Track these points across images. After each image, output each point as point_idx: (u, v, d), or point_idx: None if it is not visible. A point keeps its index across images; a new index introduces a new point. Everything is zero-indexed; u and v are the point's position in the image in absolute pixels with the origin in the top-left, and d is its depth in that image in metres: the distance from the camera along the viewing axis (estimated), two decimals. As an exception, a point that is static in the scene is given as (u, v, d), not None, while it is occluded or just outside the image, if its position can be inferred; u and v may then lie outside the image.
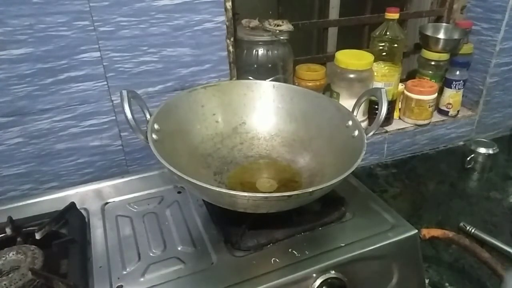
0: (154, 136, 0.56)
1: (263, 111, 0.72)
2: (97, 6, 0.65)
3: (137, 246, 0.57)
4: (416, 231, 0.59)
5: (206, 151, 0.67)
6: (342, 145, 0.63)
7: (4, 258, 0.51)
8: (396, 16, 0.89)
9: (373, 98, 0.66)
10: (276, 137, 0.72)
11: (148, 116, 0.60)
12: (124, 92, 0.55)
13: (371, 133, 0.61)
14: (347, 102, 0.70)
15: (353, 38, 1.15)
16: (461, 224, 0.77)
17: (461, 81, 0.99)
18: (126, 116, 0.54)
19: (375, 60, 0.86)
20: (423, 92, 0.95)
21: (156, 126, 0.58)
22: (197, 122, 0.67)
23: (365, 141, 0.58)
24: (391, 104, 0.96)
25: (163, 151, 0.53)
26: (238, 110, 0.71)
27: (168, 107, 0.63)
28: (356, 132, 0.61)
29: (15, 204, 0.64)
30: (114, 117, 0.74)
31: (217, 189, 0.50)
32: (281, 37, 0.82)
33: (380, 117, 0.60)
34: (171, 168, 0.50)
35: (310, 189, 0.50)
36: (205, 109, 0.68)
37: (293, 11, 1.15)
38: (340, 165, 0.57)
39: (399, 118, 1.02)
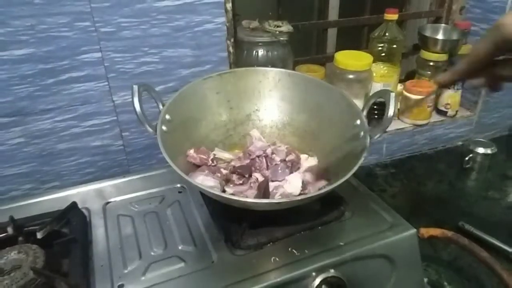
0: (163, 127, 0.56)
1: (277, 99, 0.72)
2: (98, 7, 0.65)
3: (138, 245, 0.57)
4: (415, 230, 0.59)
5: (218, 138, 0.67)
6: (347, 144, 0.62)
7: (5, 257, 0.51)
8: (395, 17, 0.89)
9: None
10: (288, 126, 0.72)
11: (161, 107, 0.60)
12: (135, 87, 0.56)
13: (377, 135, 0.58)
14: (347, 103, 0.70)
15: (352, 39, 1.15)
16: (460, 223, 0.77)
17: (460, 82, 1.00)
18: (135, 109, 0.55)
19: (374, 61, 0.87)
20: (422, 93, 0.95)
21: (167, 117, 0.58)
22: (211, 108, 0.68)
23: (368, 144, 0.57)
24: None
25: (170, 144, 0.53)
26: (253, 97, 0.71)
27: (182, 96, 0.63)
28: (362, 133, 0.60)
29: (17, 204, 0.65)
30: (115, 117, 0.74)
31: (217, 192, 0.51)
32: (281, 38, 0.83)
33: (387, 119, 0.57)
34: (174, 167, 0.50)
35: (310, 195, 0.51)
36: (220, 96, 0.68)
37: (293, 12, 1.15)
38: (342, 164, 0.58)
39: (398, 118, 1.02)
